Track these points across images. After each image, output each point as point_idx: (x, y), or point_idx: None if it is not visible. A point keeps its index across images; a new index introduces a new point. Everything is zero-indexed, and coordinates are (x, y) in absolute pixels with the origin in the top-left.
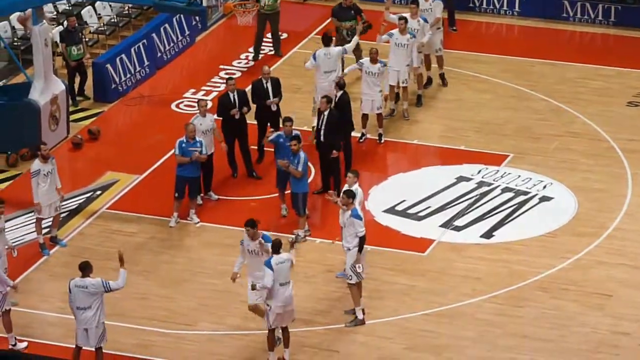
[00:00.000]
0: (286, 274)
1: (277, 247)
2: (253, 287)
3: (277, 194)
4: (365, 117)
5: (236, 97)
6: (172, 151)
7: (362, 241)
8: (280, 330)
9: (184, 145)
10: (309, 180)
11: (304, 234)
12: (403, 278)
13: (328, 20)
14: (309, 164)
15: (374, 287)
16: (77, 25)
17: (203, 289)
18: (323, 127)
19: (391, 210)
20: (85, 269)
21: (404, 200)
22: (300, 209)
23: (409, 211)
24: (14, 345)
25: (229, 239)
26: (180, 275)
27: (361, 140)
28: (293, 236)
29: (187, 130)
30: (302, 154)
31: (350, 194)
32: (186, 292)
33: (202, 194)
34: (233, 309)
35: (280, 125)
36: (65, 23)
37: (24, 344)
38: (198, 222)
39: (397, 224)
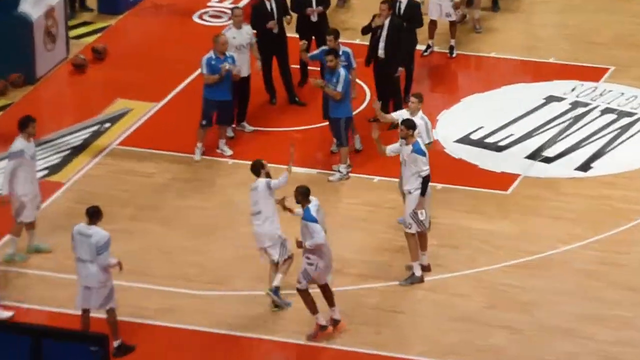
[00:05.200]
0: (324, 222)
1: (306, 194)
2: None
3: (325, 123)
4: (433, 24)
5: (273, 5)
6: (198, 71)
7: (425, 182)
8: (320, 290)
9: (213, 62)
10: (364, 105)
11: (346, 170)
12: (481, 222)
13: None
14: (363, 84)
15: (446, 233)
16: None
17: (239, 239)
18: (384, 40)
19: (465, 140)
20: (94, 215)
21: (481, 127)
22: (342, 138)
23: (488, 140)
24: None
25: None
26: (210, 223)
27: (426, 53)
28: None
29: (218, 43)
30: (341, 71)
31: (410, 124)
32: (218, 244)
33: (234, 125)
34: None
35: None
36: None
37: (9, 313)
38: (230, 154)
39: (473, 156)
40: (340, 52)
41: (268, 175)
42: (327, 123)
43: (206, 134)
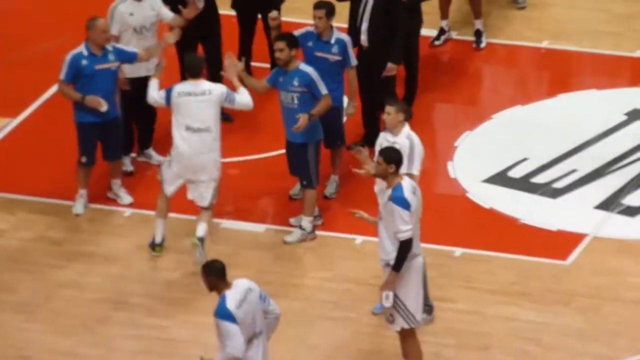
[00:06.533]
0: (256, 320)
1: (221, 274)
2: None
3: (273, 153)
4: None
5: None
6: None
7: (402, 249)
8: None
9: (84, 62)
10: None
11: (312, 225)
12: (524, 309)
13: None
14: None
15: (469, 327)
16: None
17: (140, 337)
18: (367, 19)
19: (500, 179)
20: None
21: (524, 159)
22: (311, 175)
23: (535, 179)
24: None
25: (188, 240)
26: (94, 311)
27: (438, 42)
28: None
29: (95, 30)
30: (306, 68)
31: (391, 156)
32: (108, 343)
33: (133, 155)
34: None
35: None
36: None
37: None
38: (130, 202)
39: (512, 204)
40: (333, 40)
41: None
42: (283, 151)
43: (90, 174)
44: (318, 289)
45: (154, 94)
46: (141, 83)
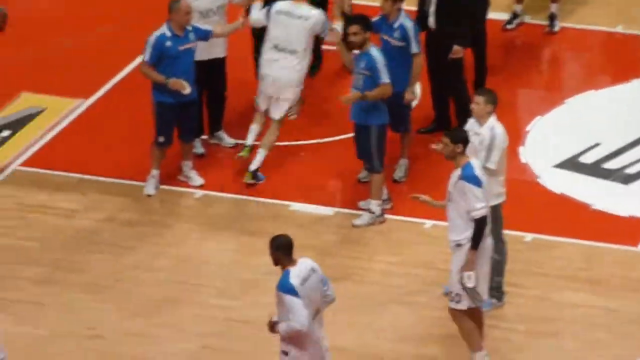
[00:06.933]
0: (316, 300)
1: (287, 249)
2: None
3: (343, 136)
4: None
5: None
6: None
7: (479, 227)
8: None
9: (168, 43)
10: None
11: (381, 208)
12: (596, 296)
13: None
14: None
15: (538, 312)
16: None
17: (210, 318)
18: (434, 4)
19: (572, 164)
20: None
21: (596, 145)
22: (374, 159)
23: (607, 165)
24: None
25: (258, 222)
26: (164, 294)
27: (511, 26)
28: None
29: (178, 12)
30: (373, 52)
31: (458, 136)
32: (177, 324)
33: (205, 136)
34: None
35: None
36: None
37: None
38: (201, 183)
39: (584, 190)
40: (397, 25)
41: None
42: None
43: (164, 155)
44: (386, 273)
45: (255, 13)
46: (207, 66)
